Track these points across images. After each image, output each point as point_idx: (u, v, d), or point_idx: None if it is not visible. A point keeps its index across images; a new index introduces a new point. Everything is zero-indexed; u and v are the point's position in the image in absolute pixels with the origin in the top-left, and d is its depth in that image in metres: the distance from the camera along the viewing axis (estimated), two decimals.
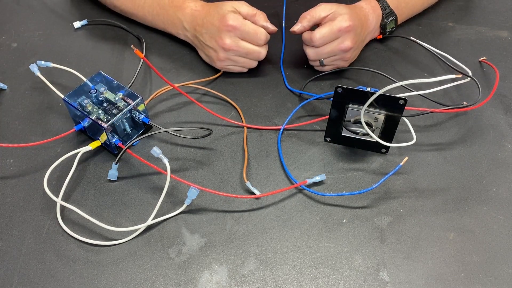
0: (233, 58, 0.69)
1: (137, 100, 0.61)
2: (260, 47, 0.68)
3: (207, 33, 0.68)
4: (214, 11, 0.67)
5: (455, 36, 0.80)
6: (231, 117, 0.68)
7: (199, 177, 0.61)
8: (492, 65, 0.72)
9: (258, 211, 0.58)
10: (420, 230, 0.57)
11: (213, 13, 0.67)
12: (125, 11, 0.79)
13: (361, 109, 0.56)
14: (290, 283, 0.52)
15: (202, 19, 0.68)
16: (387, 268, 0.53)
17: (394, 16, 0.74)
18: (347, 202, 0.59)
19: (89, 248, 0.55)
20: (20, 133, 0.66)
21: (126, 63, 0.75)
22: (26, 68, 0.72)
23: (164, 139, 0.65)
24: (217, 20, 0.66)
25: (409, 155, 0.62)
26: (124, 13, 0.80)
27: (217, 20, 0.66)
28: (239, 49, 0.67)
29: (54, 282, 0.52)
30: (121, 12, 0.80)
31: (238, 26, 0.65)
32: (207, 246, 0.55)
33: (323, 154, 0.64)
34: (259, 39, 0.66)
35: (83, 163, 0.62)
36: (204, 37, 0.68)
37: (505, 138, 0.65)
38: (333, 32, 0.65)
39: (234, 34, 0.65)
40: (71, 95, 0.62)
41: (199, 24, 0.69)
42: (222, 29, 0.65)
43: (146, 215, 0.57)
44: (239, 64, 0.70)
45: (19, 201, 0.59)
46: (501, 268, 0.53)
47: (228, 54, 0.68)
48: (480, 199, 0.59)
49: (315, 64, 0.71)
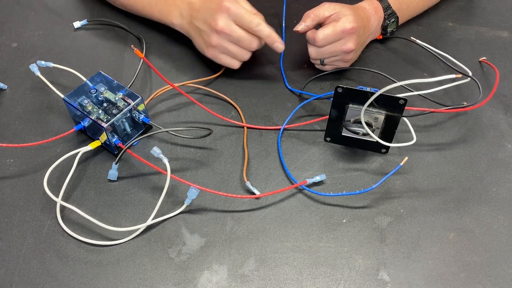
0: (225, 45, 0.67)
1: (137, 100, 0.61)
2: (252, 36, 0.66)
3: (202, 17, 0.67)
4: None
5: (455, 36, 0.80)
6: (231, 117, 0.68)
7: (199, 177, 0.61)
8: (492, 65, 0.72)
9: (258, 211, 0.58)
10: (420, 230, 0.57)
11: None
12: (124, 4, 0.79)
13: (361, 109, 0.56)
14: (290, 283, 0.52)
15: (200, 5, 0.68)
16: (387, 268, 0.53)
17: (395, 18, 0.74)
18: (347, 202, 0.59)
19: (89, 248, 0.55)
20: (20, 133, 0.66)
21: (126, 63, 0.75)
22: (26, 68, 0.72)
23: (164, 139, 0.65)
24: (214, 4, 0.65)
25: (409, 155, 0.62)
26: (122, 6, 0.80)
27: (215, 4, 0.65)
28: (231, 32, 0.65)
29: (54, 282, 0.52)
30: (120, 6, 0.81)
31: (233, 8, 0.64)
32: (207, 246, 0.55)
33: (323, 154, 0.64)
34: (251, 22, 0.64)
35: (83, 163, 0.62)
36: (199, 22, 0.68)
37: (505, 138, 0.65)
38: (336, 33, 0.65)
39: (228, 15, 0.64)
40: (71, 95, 0.62)
41: (196, 9, 0.68)
42: (217, 10, 0.64)
43: (146, 215, 0.57)
44: (230, 53, 0.68)
45: (19, 201, 0.59)
46: (501, 268, 0.53)
47: (220, 38, 0.66)
48: (480, 199, 0.59)
49: (316, 62, 0.71)
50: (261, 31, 0.65)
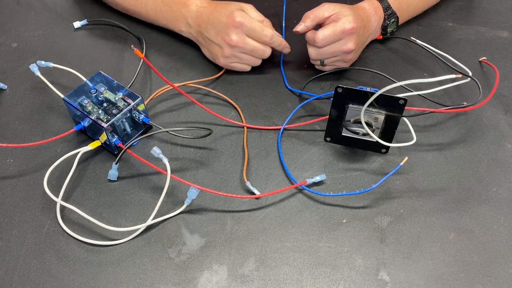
0: (238, 55, 0.69)
1: (137, 100, 0.61)
2: (265, 46, 0.68)
3: (214, 29, 0.68)
4: (222, 8, 0.67)
5: (455, 36, 0.80)
6: (231, 117, 0.68)
7: (199, 177, 0.61)
8: (492, 65, 0.72)
9: (258, 211, 0.58)
10: (420, 230, 0.57)
11: (221, 10, 0.67)
12: (127, 8, 0.79)
13: (361, 109, 0.56)
14: (290, 283, 0.52)
15: (208, 15, 0.68)
16: (387, 268, 0.53)
17: (395, 18, 0.74)
18: (347, 202, 0.59)
19: (89, 248, 0.55)
20: (20, 133, 0.66)
21: (126, 63, 0.75)
22: (26, 68, 0.72)
23: (164, 139, 0.65)
24: (224, 17, 0.66)
25: (409, 155, 0.62)
26: (126, 11, 0.80)
27: (225, 17, 0.66)
28: (245, 46, 0.67)
29: (54, 282, 0.52)
30: (123, 10, 0.80)
31: (246, 22, 0.65)
32: (207, 246, 0.55)
33: (323, 154, 0.64)
34: (265, 35, 0.67)
35: (83, 163, 0.62)
36: (210, 33, 0.69)
37: (505, 138, 0.65)
38: (336, 34, 0.65)
39: (241, 30, 0.66)
40: (71, 95, 0.62)
41: (205, 20, 0.69)
42: (229, 25, 0.66)
43: (146, 215, 0.57)
44: (243, 61, 0.70)
45: (19, 201, 0.59)
46: (501, 268, 0.53)
47: (233, 51, 0.68)
48: (480, 199, 0.59)
49: (316, 63, 0.71)
50: (274, 42, 0.68)
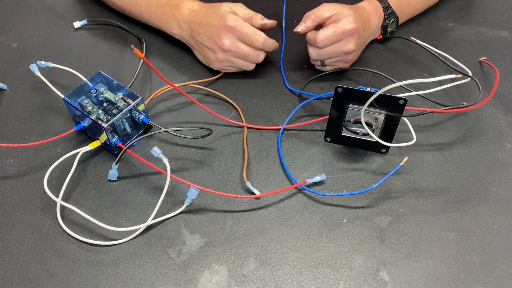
0: (231, 60, 0.68)
1: (137, 100, 0.61)
2: (258, 50, 0.68)
3: (205, 34, 0.67)
4: (212, 12, 0.67)
5: (455, 36, 0.80)
6: (231, 117, 0.68)
7: (199, 177, 0.61)
8: (492, 65, 0.72)
9: (258, 211, 0.58)
10: (420, 230, 0.57)
11: (212, 14, 0.67)
12: (123, 8, 0.79)
13: (361, 109, 0.56)
14: (290, 283, 0.52)
15: (200, 19, 0.68)
16: (387, 268, 0.53)
17: (395, 17, 0.74)
18: (347, 202, 0.59)
19: (89, 248, 0.55)
20: (20, 133, 0.66)
21: (126, 63, 0.75)
22: (26, 68, 0.72)
23: (164, 139, 0.65)
24: (216, 21, 0.66)
25: (409, 155, 0.62)
26: (122, 10, 0.80)
27: (216, 21, 0.66)
28: (237, 50, 0.67)
29: (54, 282, 0.52)
30: (119, 9, 0.80)
31: (238, 27, 0.65)
32: (207, 246, 0.55)
33: (323, 154, 0.64)
34: (257, 41, 0.66)
35: (83, 163, 0.62)
36: (202, 38, 0.68)
37: (505, 138, 0.65)
38: (336, 34, 0.65)
39: (233, 34, 0.65)
40: (71, 95, 0.62)
41: (197, 23, 0.68)
42: (221, 29, 0.65)
43: (146, 215, 0.57)
44: (237, 65, 0.70)
45: (19, 201, 0.59)
46: (501, 268, 0.53)
47: (226, 55, 0.68)
48: (480, 199, 0.59)
49: (316, 63, 0.71)
50: (267, 47, 0.68)
